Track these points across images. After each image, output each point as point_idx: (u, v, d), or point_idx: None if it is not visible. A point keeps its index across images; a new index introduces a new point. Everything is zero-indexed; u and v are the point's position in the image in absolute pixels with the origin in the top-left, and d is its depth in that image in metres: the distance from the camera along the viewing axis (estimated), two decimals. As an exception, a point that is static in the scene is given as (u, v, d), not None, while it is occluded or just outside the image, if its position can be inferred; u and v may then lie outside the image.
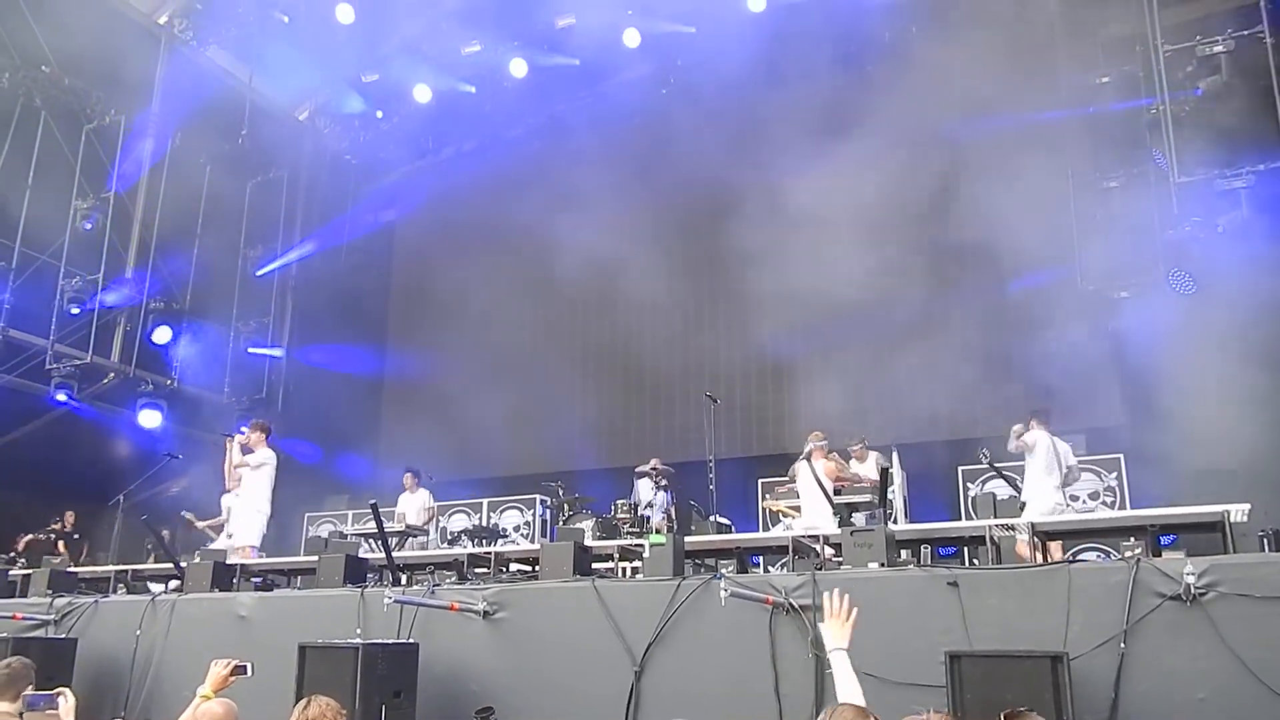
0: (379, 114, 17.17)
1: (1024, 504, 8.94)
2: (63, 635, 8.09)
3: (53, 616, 8.36)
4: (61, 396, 13.40)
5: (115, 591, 9.23)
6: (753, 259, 13.31)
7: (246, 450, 9.99)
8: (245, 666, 4.65)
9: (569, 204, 14.36)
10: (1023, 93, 11.92)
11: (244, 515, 9.95)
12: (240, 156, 15.82)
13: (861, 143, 12.29)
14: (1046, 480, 9.01)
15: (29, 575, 9.43)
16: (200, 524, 11.74)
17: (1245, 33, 10.09)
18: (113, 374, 14.33)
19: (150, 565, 10.27)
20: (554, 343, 15.73)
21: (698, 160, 13.47)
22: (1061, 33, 12.70)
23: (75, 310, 13.54)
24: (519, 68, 15.62)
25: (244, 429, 10.21)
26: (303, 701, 3.97)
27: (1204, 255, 10.68)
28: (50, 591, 8.74)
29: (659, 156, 13.96)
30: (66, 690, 4.87)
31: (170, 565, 9.03)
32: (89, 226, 13.64)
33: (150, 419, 14.25)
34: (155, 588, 9.35)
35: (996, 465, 10.16)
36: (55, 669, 6.85)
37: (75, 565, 10.39)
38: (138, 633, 7.87)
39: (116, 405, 14.59)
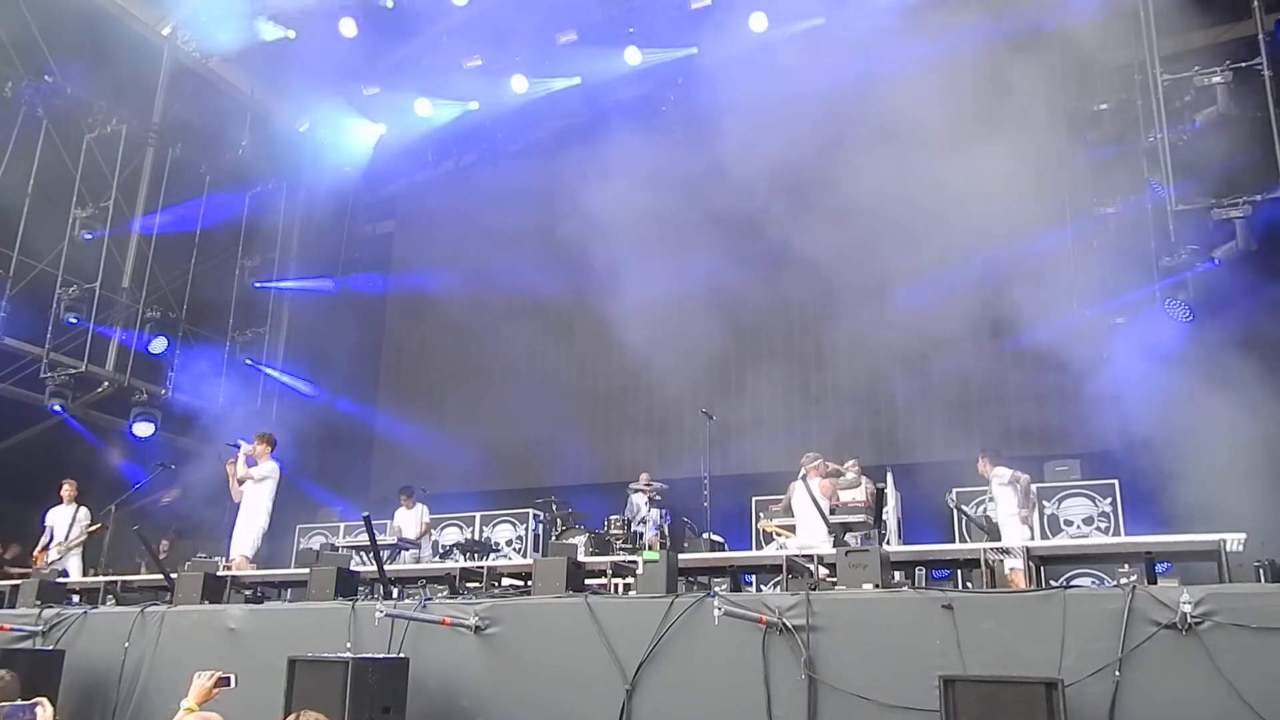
0: (381, 127, 17.23)
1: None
2: (50, 647, 8.02)
3: (41, 628, 8.28)
4: (59, 405, 13.33)
5: (104, 603, 9.16)
6: (751, 276, 13.35)
7: (251, 462, 9.91)
8: (229, 678, 4.61)
9: (564, 219, 14.39)
10: (1022, 118, 12.01)
11: (241, 526, 9.88)
12: (240, 167, 15.87)
13: (857, 163, 12.34)
14: (1005, 517, 9.33)
15: (17, 586, 9.36)
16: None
17: (1243, 64, 10.16)
18: (107, 383, 14.29)
19: (140, 576, 10.20)
20: (550, 356, 15.72)
21: (694, 176, 13.50)
22: (1060, 59, 12.80)
23: (74, 319, 13.48)
24: (520, 83, 15.71)
25: (241, 442, 10.14)
26: (292, 716, 3.95)
27: (1200, 283, 10.73)
28: (39, 602, 8.66)
29: (656, 172, 13.99)
30: (44, 701, 4.83)
31: (160, 576, 8.98)
32: (89, 238, 13.62)
33: (143, 430, 14.19)
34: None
35: (964, 509, 10.28)
36: (42, 681, 6.79)
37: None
38: (126, 644, 7.81)
39: (110, 415, 14.54)
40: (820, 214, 12.33)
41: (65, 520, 11.53)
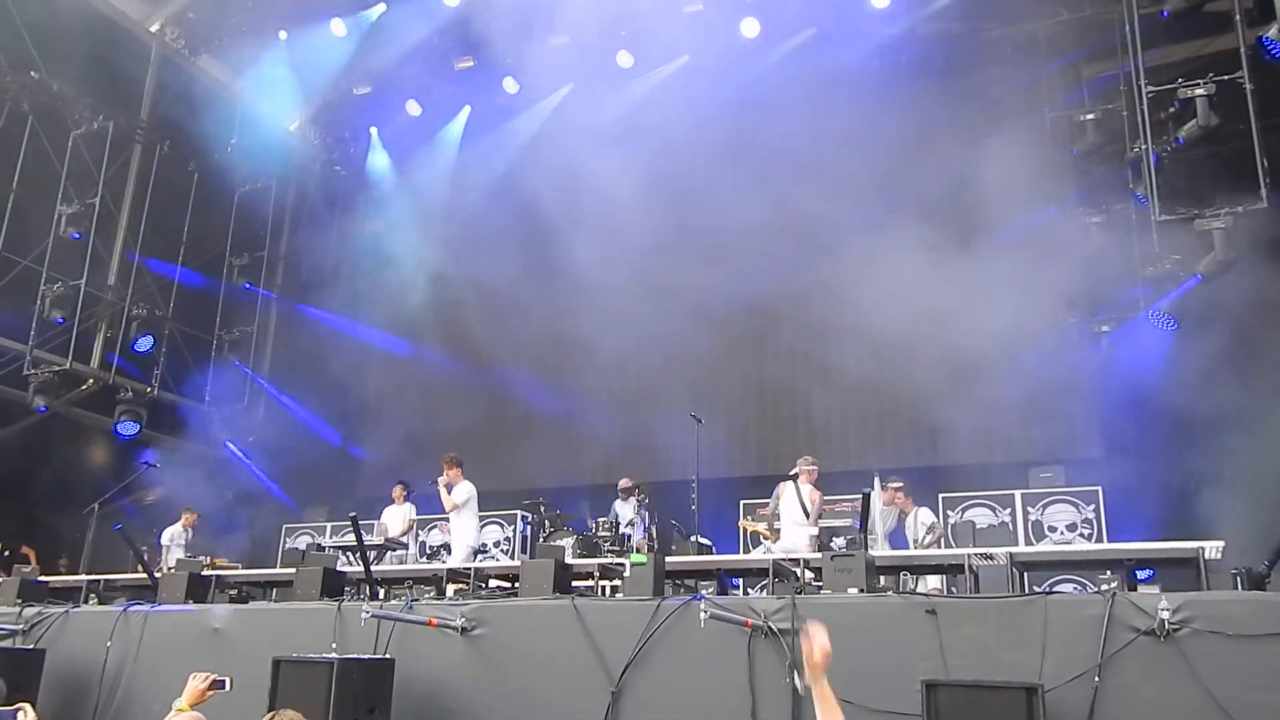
0: (371, 128, 17.21)
1: None
2: (31, 646, 7.97)
3: (21, 626, 8.23)
4: (43, 402, 13.22)
5: (86, 602, 9.11)
6: (739, 280, 13.38)
7: (449, 488, 10.31)
8: (224, 681, 4.61)
9: (553, 221, 14.38)
10: (1010, 128, 12.11)
11: (455, 548, 10.41)
12: (228, 165, 15.78)
13: (846, 173, 12.40)
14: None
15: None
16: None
17: (1226, 77, 10.27)
18: (92, 380, 14.20)
19: (123, 575, 10.14)
20: (537, 358, 15.70)
21: (686, 182, 13.52)
22: (1047, 70, 12.92)
23: (61, 314, 13.37)
24: (512, 85, 15.73)
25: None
26: (269, 715, 3.96)
27: (1184, 292, 10.84)
28: (19, 601, 8.60)
29: (646, 178, 14.00)
30: (26, 706, 4.83)
31: (144, 576, 8.94)
32: (76, 237, 13.52)
33: (128, 429, 14.11)
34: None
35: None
36: (22, 680, 6.76)
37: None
38: (108, 644, 7.77)
39: (95, 412, 14.45)
40: (809, 219, 12.39)
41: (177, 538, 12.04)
